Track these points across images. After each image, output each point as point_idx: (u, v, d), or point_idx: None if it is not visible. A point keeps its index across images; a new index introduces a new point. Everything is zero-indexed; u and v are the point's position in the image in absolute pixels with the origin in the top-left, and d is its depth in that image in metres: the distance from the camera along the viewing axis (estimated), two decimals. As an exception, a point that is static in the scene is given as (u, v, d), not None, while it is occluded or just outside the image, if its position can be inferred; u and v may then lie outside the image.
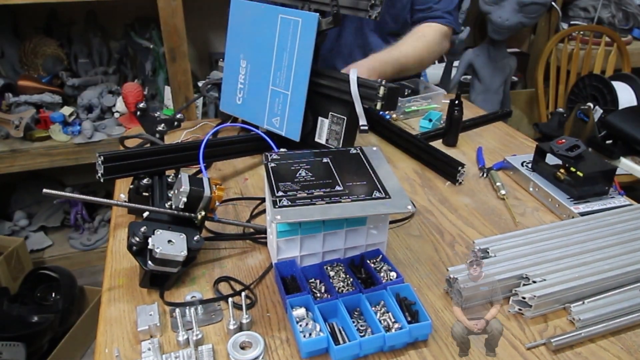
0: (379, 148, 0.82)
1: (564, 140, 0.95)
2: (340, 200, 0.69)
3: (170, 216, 0.72)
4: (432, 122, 1.24)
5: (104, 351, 0.63)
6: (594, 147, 1.64)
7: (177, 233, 0.70)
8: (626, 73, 2.09)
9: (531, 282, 0.69)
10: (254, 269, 0.77)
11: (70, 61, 2.05)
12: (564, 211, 0.90)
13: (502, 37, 2.10)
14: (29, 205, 2.17)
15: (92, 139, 1.85)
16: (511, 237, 0.79)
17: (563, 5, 2.45)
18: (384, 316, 0.64)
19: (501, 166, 1.06)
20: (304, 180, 0.72)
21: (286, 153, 0.79)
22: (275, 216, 0.65)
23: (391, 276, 0.70)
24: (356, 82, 0.92)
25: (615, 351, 0.64)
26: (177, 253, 0.68)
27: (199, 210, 0.72)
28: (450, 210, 0.93)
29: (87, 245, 2.11)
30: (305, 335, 0.61)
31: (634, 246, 0.77)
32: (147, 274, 0.69)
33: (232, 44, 1.07)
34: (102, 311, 0.69)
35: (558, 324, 0.68)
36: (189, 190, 0.70)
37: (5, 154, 1.77)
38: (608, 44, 2.34)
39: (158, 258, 0.67)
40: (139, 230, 0.67)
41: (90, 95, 1.93)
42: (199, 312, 0.67)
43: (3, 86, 1.89)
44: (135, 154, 0.86)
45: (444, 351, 0.63)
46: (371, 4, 0.93)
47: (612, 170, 0.92)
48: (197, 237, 0.71)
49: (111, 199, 0.80)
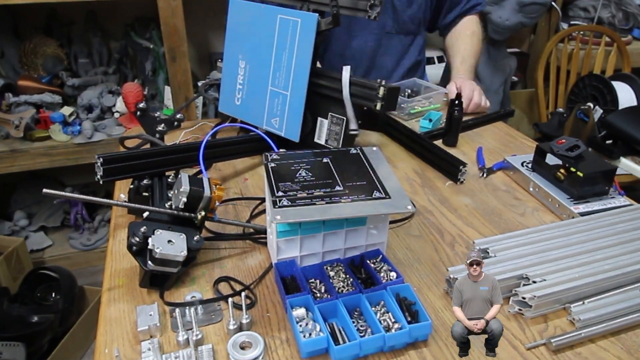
0: (378, 148, 0.82)
1: (564, 140, 0.95)
2: (340, 200, 0.69)
3: (170, 216, 0.72)
4: (432, 122, 1.24)
5: (104, 351, 0.63)
6: (594, 147, 1.64)
7: (177, 233, 0.70)
8: (626, 73, 2.09)
9: (531, 282, 0.69)
10: (254, 269, 0.77)
11: (70, 61, 2.05)
12: (564, 211, 0.90)
13: (502, 37, 2.10)
14: (29, 205, 2.17)
15: (92, 139, 1.85)
16: (511, 237, 0.79)
17: (563, 5, 2.45)
18: (384, 316, 0.64)
19: (501, 166, 1.06)
20: (304, 180, 0.72)
21: (286, 153, 0.79)
22: (275, 216, 0.65)
23: (391, 276, 0.70)
24: (348, 84, 0.92)
25: (615, 351, 0.64)
26: (177, 253, 0.68)
27: (199, 210, 0.72)
28: (450, 210, 0.93)
29: (87, 245, 2.11)
30: (305, 335, 0.61)
31: (634, 246, 0.77)
32: (147, 274, 0.69)
33: (231, 45, 1.07)
34: (102, 311, 0.69)
35: (558, 324, 0.68)
36: (189, 190, 0.70)
37: (5, 154, 1.77)
38: (608, 44, 2.34)
39: (158, 258, 0.67)
40: (139, 230, 0.67)
41: (90, 95, 1.93)
42: (199, 312, 0.67)
43: (3, 86, 1.89)
44: (134, 156, 0.86)
45: (444, 351, 0.63)
46: (370, 4, 0.93)
47: (612, 170, 0.92)
48: (197, 237, 0.71)
49: (111, 199, 0.80)
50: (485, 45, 2.15)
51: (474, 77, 1.47)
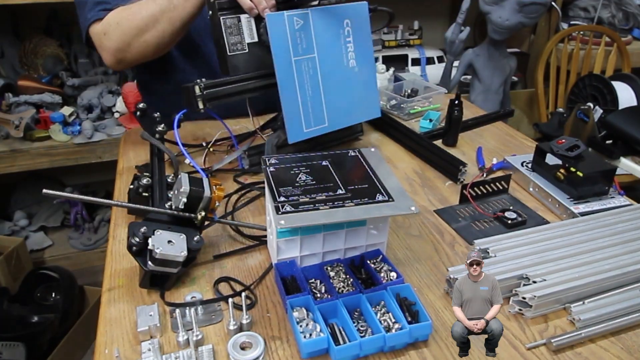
0: (377, 149, 0.82)
1: (564, 140, 0.95)
2: (343, 204, 0.69)
3: (170, 216, 0.72)
4: (432, 122, 1.24)
5: (104, 352, 0.63)
6: (594, 147, 1.64)
7: (177, 233, 0.70)
8: (626, 73, 2.09)
9: (531, 282, 0.69)
10: (254, 269, 0.77)
11: (70, 61, 2.05)
12: (564, 211, 0.90)
13: (502, 37, 2.10)
14: (29, 205, 2.18)
15: (92, 139, 1.85)
16: (511, 237, 0.79)
17: (563, 5, 2.45)
18: (384, 316, 0.64)
19: (501, 166, 1.06)
20: (305, 184, 0.72)
21: (283, 157, 0.78)
22: (279, 221, 0.65)
23: (391, 276, 0.70)
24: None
25: (616, 351, 0.64)
26: (177, 253, 0.68)
27: (199, 210, 0.72)
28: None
29: (87, 245, 2.11)
30: (306, 335, 0.61)
31: (634, 246, 0.77)
32: (147, 274, 0.69)
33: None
34: (102, 311, 0.69)
35: (558, 324, 0.68)
36: (189, 190, 0.70)
37: (5, 154, 1.77)
38: (608, 44, 2.34)
39: (158, 258, 0.67)
40: (139, 230, 0.67)
41: (90, 95, 1.93)
42: (199, 312, 0.67)
43: (3, 86, 1.89)
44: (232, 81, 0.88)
45: (444, 351, 0.63)
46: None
47: (612, 170, 0.92)
48: (197, 237, 0.71)
49: (111, 199, 0.79)
50: (485, 45, 2.16)
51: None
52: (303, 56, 0.91)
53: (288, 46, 0.89)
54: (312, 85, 0.93)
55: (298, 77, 0.91)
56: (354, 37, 0.97)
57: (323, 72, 0.94)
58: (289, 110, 0.90)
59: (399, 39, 2.36)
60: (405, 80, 1.46)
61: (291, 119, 0.90)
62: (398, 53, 2.34)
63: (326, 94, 0.94)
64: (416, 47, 2.39)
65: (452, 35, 2.06)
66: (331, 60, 0.95)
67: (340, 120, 0.97)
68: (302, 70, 0.91)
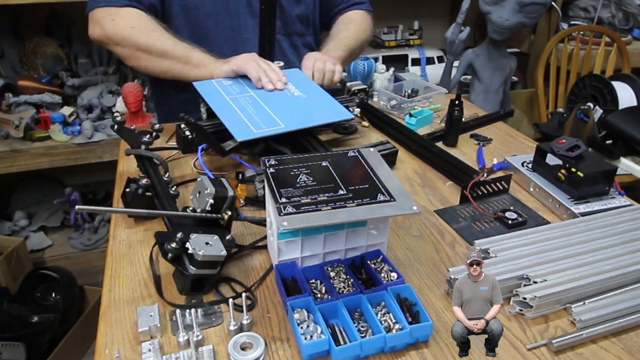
0: (375, 149, 0.82)
1: (564, 141, 0.95)
2: (345, 205, 0.68)
3: (194, 219, 0.72)
4: (417, 120, 1.24)
5: (104, 352, 0.63)
6: (594, 147, 1.64)
7: (209, 235, 0.70)
8: (626, 73, 2.09)
9: (532, 283, 0.69)
10: (254, 269, 0.77)
11: (70, 61, 2.05)
12: (564, 211, 0.90)
13: (502, 37, 2.10)
14: (29, 205, 2.18)
15: (92, 139, 1.85)
16: (512, 238, 0.79)
17: (563, 5, 2.45)
18: (385, 317, 0.64)
19: (501, 166, 1.06)
20: (306, 185, 0.72)
21: (283, 158, 0.78)
22: (282, 223, 0.65)
23: (392, 277, 0.70)
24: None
25: (616, 352, 0.63)
26: (218, 253, 0.68)
27: (224, 210, 0.72)
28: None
29: (87, 245, 2.11)
30: (307, 337, 0.60)
31: (634, 246, 0.77)
32: (189, 278, 0.68)
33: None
34: (102, 312, 0.69)
35: (559, 324, 0.68)
36: (214, 192, 0.70)
37: (5, 154, 1.77)
38: (608, 44, 2.34)
39: (200, 261, 0.67)
40: (175, 236, 0.67)
41: (90, 95, 1.93)
42: (199, 314, 0.67)
43: (3, 86, 1.89)
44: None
45: (445, 352, 0.63)
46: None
47: (612, 171, 0.92)
48: (229, 236, 0.71)
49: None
50: (485, 45, 2.16)
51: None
52: (239, 95, 1.07)
53: (219, 92, 1.07)
54: (253, 105, 1.04)
55: (234, 103, 1.04)
56: (294, 83, 1.13)
57: (263, 99, 1.06)
58: (228, 119, 0.98)
59: (399, 39, 2.36)
60: (406, 81, 1.46)
61: (232, 123, 0.97)
62: (398, 53, 2.34)
63: (271, 107, 1.04)
64: (416, 47, 2.39)
65: (452, 36, 2.06)
66: (270, 94, 1.09)
67: (298, 122, 1.01)
68: (239, 101, 1.05)
